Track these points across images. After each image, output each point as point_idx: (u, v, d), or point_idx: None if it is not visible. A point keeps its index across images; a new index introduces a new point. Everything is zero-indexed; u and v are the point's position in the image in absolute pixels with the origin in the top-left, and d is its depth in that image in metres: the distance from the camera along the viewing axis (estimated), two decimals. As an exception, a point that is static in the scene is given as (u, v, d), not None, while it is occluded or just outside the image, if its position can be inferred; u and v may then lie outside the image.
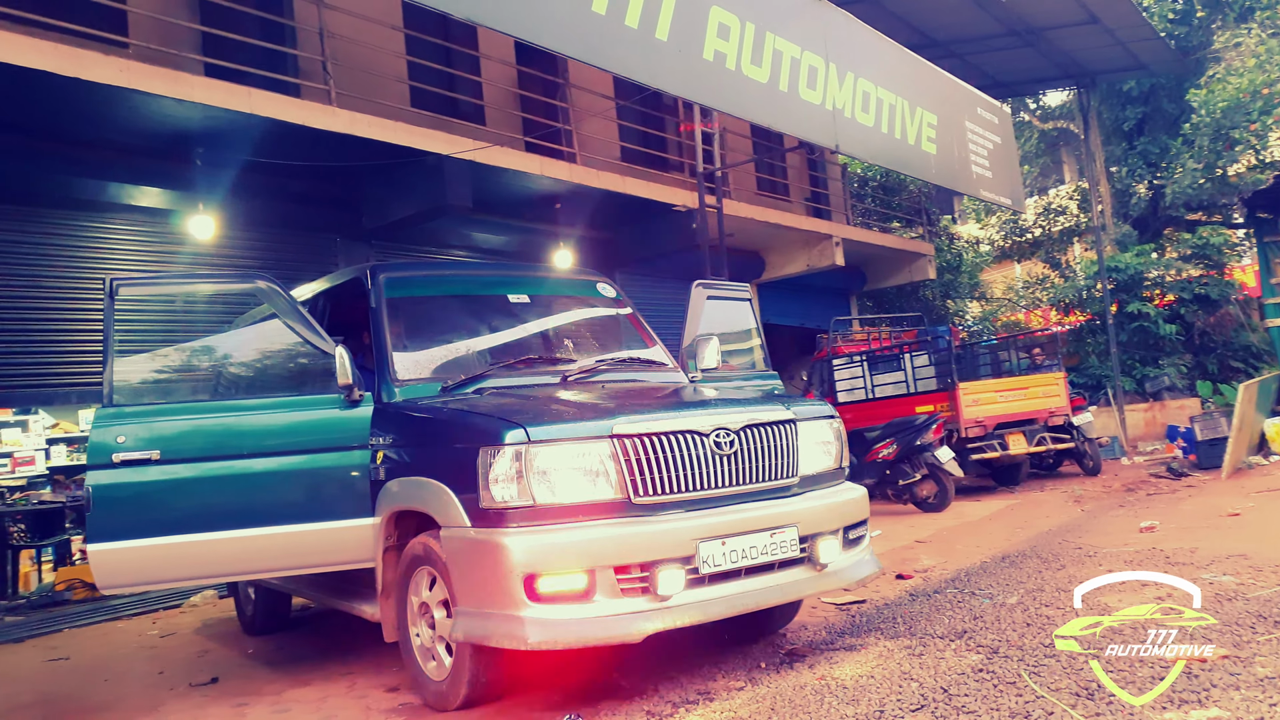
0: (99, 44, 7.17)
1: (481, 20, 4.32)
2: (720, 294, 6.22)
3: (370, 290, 4.82)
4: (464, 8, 4.24)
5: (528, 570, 3.47)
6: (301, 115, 7.94)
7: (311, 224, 9.55)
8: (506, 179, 10.08)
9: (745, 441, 3.95)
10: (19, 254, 7.63)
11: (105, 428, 4.14)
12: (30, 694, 5.08)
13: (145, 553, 4.11)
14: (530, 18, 4.35)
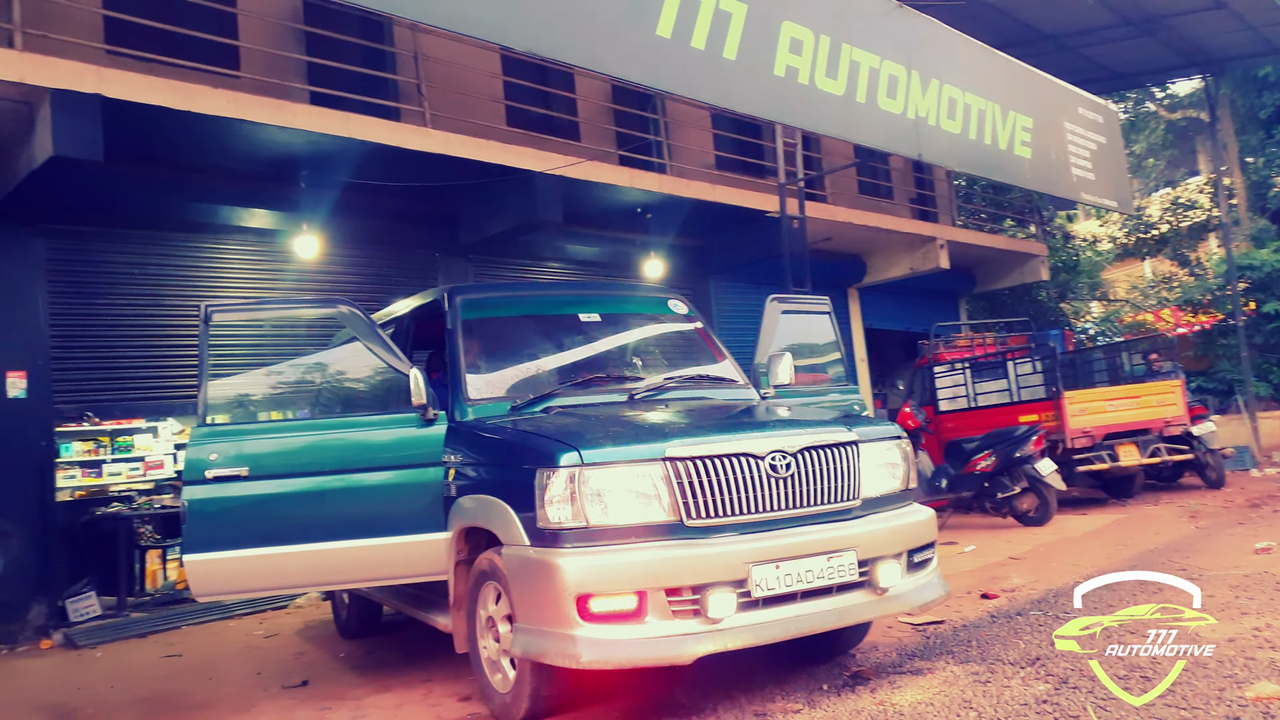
0: (214, 77, 7.64)
1: (544, 53, 4.43)
2: (797, 308, 6.20)
3: (447, 312, 5.01)
4: (526, 42, 4.37)
5: (580, 590, 3.55)
6: (397, 137, 8.27)
7: (411, 241, 9.91)
8: (597, 192, 10.25)
9: (803, 464, 3.94)
10: (144, 275, 8.19)
11: (199, 446, 4.43)
12: (144, 690, 5.47)
13: (235, 564, 4.38)
14: (593, 46, 4.44)
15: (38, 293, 7.54)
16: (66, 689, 5.71)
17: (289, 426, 4.62)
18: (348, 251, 9.45)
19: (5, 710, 5.35)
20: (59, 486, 8.83)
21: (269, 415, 4.78)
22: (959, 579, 6.73)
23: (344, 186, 8.74)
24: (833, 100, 5.74)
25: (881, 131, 6.22)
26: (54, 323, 7.61)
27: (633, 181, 10.40)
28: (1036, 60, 11.76)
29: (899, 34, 6.34)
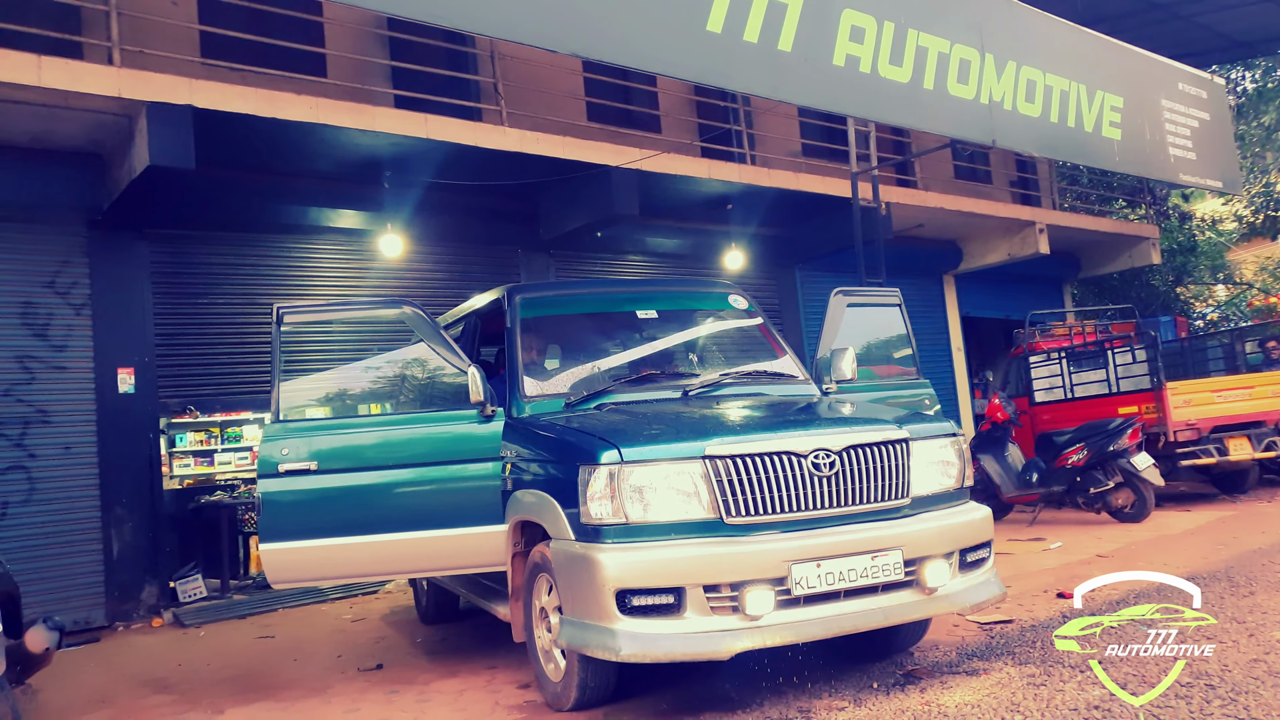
0: (301, 84, 7.97)
1: (590, 55, 4.48)
2: (864, 301, 6.13)
3: (506, 311, 5.14)
4: (571, 45, 4.42)
5: (619, 585, 3.62)
6: (474, 136, 8.47)
7: (494, 237, 10.13)
8: (675, 185, 10.28)
9: (848, 462, 3.91)
10: (241, 275, 8.62)
11: (271, 442, 4.67)
12: (234, 669, 5.79)
13: (306, 553, 4.61)
14: (640, 45, 4.46)
15: (144, 294, 8.02)
16: (169, 665, 6.09)
17: (355, 423, 4.82)
18: (432, 249, 9.73)
19: (116, 681, 5.74)
20: (176, 474, 9.41)
21: (339, 412, 4.98)
22: (1038, 577, 6.55)
23: (427, 186, 8.99)
24: (897, 88, 5.62)
25: (951, 118, 6.06)
26: (159, 322, 8.08)
27: (711, 173, 10.38)
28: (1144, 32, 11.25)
29: (973, 16, 6.16)
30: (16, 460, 7.34)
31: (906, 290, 14.82)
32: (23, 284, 7.50)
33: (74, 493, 7.57)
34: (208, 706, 4.86)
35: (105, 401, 7.74)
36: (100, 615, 7.56)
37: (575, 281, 7.08)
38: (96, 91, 6.61)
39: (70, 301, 7.67)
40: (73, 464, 7.59)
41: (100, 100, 6.71)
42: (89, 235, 7.80)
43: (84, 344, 7.71)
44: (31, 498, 7.36)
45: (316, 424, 4.77)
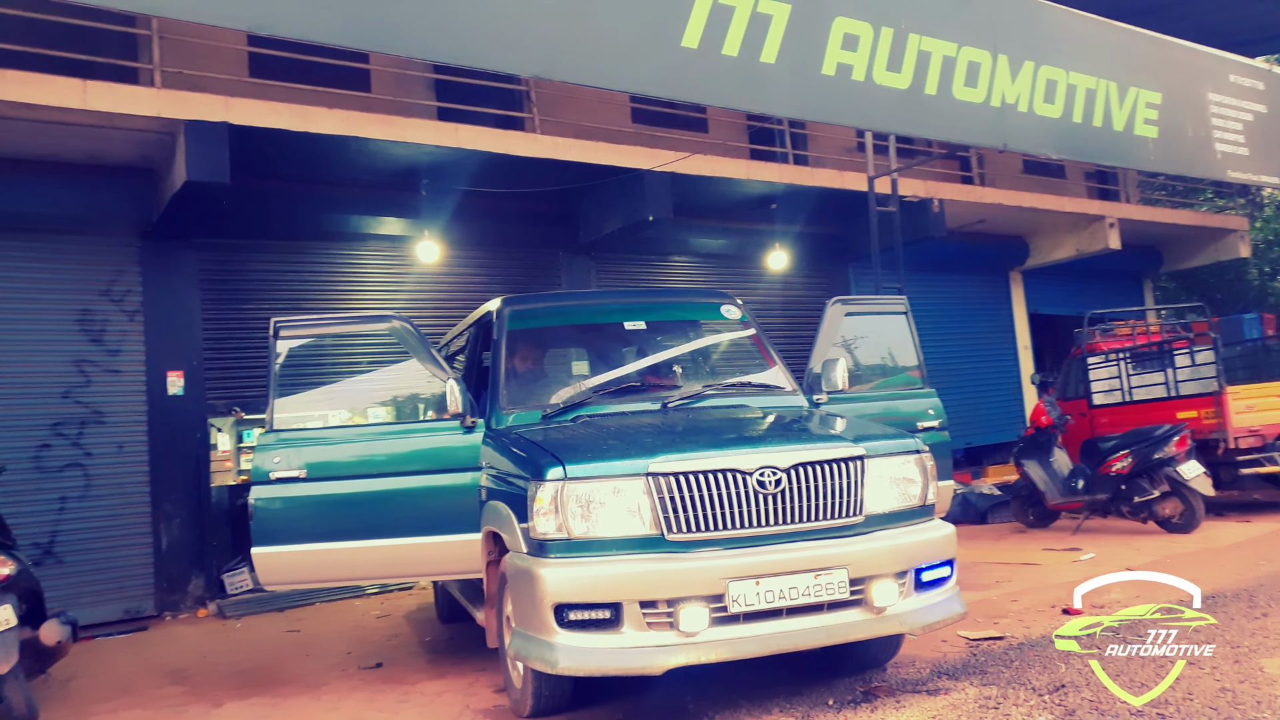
0: (347, 98, 8.28)
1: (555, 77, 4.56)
2: (864, 309, 6.09)
3: (495, 323, 5.27)
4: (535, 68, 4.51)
5: (557, 599, 3.72)
6: (505, 145, 8.67)
7: (534, 241, 10.31)
8: (713, 186, 10.30)
9: (796, 480, 3.91)
10: (285, 282, 8.99)
11: (264, 451, 4.91)
12: (249, 662, 6.11)
13: (295, 557, 4.84)
14: (610, 66, 4.50)
15: (193, 301, 8.46)
16: (196, 656, 6.46)
17: (343, 434, 5.03)
18: (472, 253, 9.96)
19: (143, 670, 6.12)
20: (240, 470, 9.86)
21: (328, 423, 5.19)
22: (1053, 591, 6.38)
23: (465, 192, 9.22)
24: (895, 95, 5.52)
25: (956, 123, 5.92)
26: (206, 327, 8.51)
27: (750, 174, 10.37)
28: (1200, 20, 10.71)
29: (985, 18, 6.00)
30: (74, 458, 7.84)
31: (968, 287, 14.55)
32: (80, 292, 7.99)
33: (126, 489, 8.05)
34: (210, 700, 5.14)
35: (156, 403, 8.20)
36: (150, 605, 8.02)
37: (566, 293, 7.19)
38: (138, 112, 7.01)
39: (124, 308, 8.15)
40: (125, 462, 8.07)
41: (142, 120, 7.11)
42: (141, 246, 8.26)
43: (136, 348, 8.18)
44: (88, 493, 7.86)
45: (306, 435, 4.98)
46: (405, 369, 5.23)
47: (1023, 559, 7.87)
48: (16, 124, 6.96)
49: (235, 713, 4.85)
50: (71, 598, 7.64)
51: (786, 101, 5.17)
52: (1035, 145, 6.39)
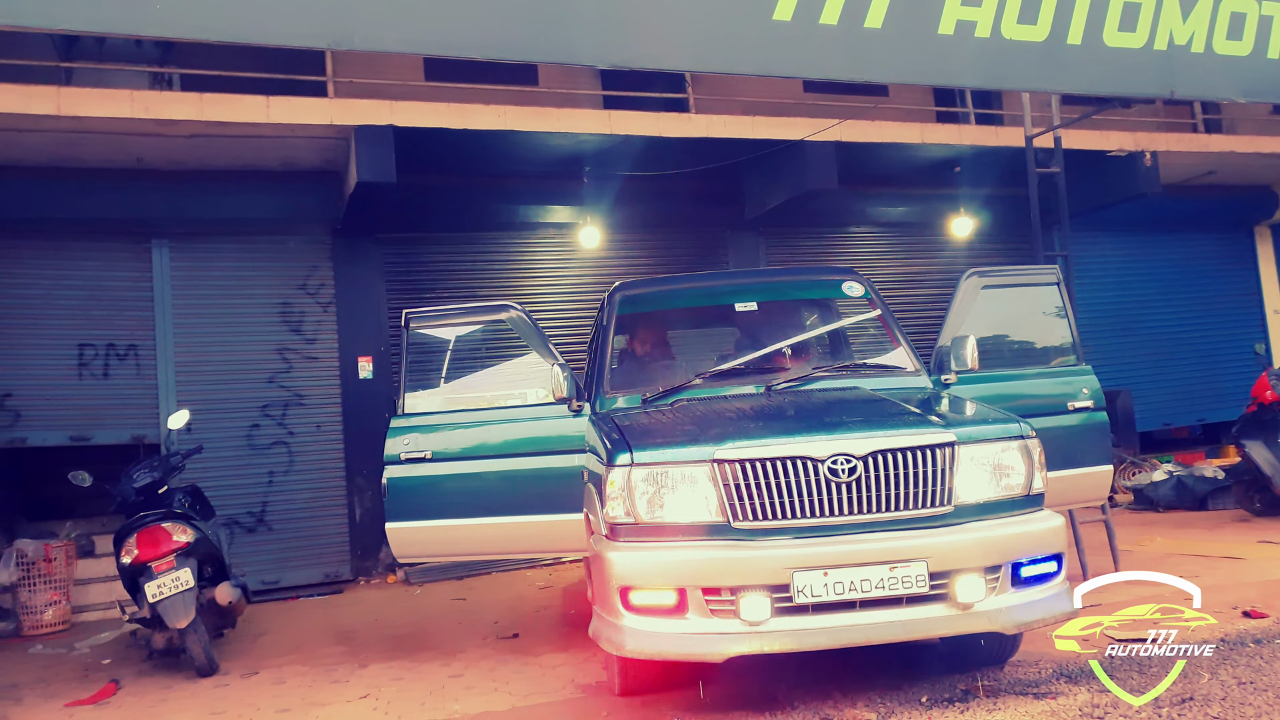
0: (518, 94, 8.66)
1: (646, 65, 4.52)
2: (1007, 282, 5.67)
3: (605, 308, 5.37)
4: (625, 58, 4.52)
5: (623, 582, 3.78)
6: (658, 127, 8.73)
7: (700, 220, 10.31)
8: (887, 151, 9.87)
9: (874, 467, 3.75)
10: (462, 271, 9.52)
11: (396, 434, 5.28)
12: (409, 627, 6.61)
13: (423, 532, 5.19)
14: (700, 49, 4.41)
15: (379, 291, 9.15)
16: (368, 619, 7.06)
17: (464, 417, 5.30)
18: (639, 236, 10.11)
19: (321, 630, 6.75)
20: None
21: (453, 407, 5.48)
22: (1246, 590, 5.72)
23: (628, 176, 9.35)
24: (1029, 49, 5.03)
25: (1106, 74, 5.30)
26: (392, 316, 9.14)
27: (925, 137, 9.84)
28: None
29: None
30: (279, 437, 8.73)
31: (1199, 247, 13.11)
32: (281, 287, 8.85)
33: (324, 465, 8.87)
34: (359, 660, 5.62)
35: (348, 386, 8.96)
36: (347, 570, 8.81)
37: (680, 276, 7.10)
38: (313, 121, 7.65)
39: (319, 300, 8.95)
40: (323, 440, 8.88)
41: (319, 129, 7.76)
42: (333, 242, 9.03)
43: (330, 337, 8.96)
44: (291, 468, 8.73)
45: (431, 419, 5.30)
46: (525, 355, 5.44)
47: (1225, 552, 7.08)
48: (217, 140, 7.79)
49: (376, 673, 5.27)
50: (279, 562, 8.57)
51: (896, 67, 4.86)
52: (1215, 89, 5.64)
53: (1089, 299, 12.21)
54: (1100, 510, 6.46)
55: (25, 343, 8.08)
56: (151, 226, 8.40)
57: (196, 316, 8.56)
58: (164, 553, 5.32)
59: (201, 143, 7.79)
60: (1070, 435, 5.38)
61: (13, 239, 8.06)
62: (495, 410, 5.27)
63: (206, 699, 4.99)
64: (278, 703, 4.80)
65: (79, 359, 8.23)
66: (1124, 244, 12.50)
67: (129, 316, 8.39)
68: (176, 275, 8.54)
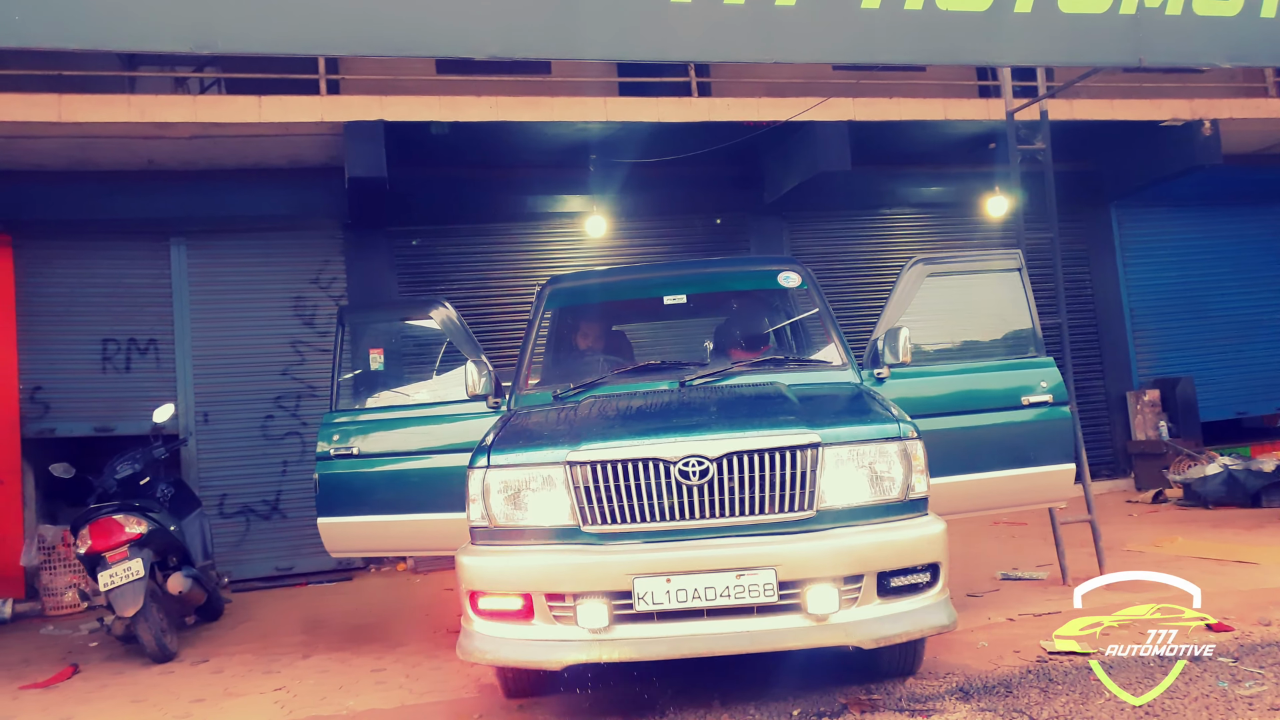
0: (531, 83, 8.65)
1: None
2: (956, 269, 5.35)
3: (535, 302, 5.30)
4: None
5: (471, 587, 3.73)
6: (656, 113, 8.59)
7: (718, 205, 10.10)
8: (912, 130, 9.46)
9: (726, 470, 3.59)
10: (472, 262, 9.60)
11: (326, 429, 5.34)
12: (375, 617, 6.68)
13: (351, 528, 5.24)
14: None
15: (390, 284, 9.30)
16: (348, 608, 7.20)
17: (389, 414, 5.33)
18: (655, 223, 9.97)
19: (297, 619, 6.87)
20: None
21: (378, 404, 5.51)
22: (1227, 599, 5.26)
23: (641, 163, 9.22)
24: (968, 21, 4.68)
25: (1060, 44, 4.89)
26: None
27: (949, 113, 9.39)
28: None
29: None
30: (292, 428, 8.98)
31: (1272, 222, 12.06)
32: (294, 281, 9.09)
33: (336, 454, 9.06)
34: (306, 651, 5.72)
35: (360, 377, 9.13)
36: (359, 558, 9.00)
37: (612, 269, 6.93)
38: (304, 119, 7.81)
39: (331, 294, 9.15)
40: (335, 430, 9.08)
41: (312, 125, 7.92)
42: (344, 237, 9.21)
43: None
44: (304, 458, 8.94)
45: (358, 416, 5.35)
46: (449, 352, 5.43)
47: (1244, 556, 6.54)
48: (221, 140, 8.05)
49: (310, 665, 5.35)
50: (293, 549, 8.83)
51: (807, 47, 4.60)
52: (1194, 55, 5.12)
53: (1146, 279, 11.48)
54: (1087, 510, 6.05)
55: (53, 339, 8.53)
56: (168, 225, 8.74)
57: (213, 311, 8.88)
58: (116, 543, 5.54)
59: (205, 143, 8.05)
60: (1023, 432, 5.06)
61: (41, 240, 8.51)
62: (418, 408, 5.28)
63: (139, 686, 5.16)
64: (199, 692, 4.93)
65: (103, 353, 8.65)
66: (1188, 220, 11.66)
67: (149, 312, 8.77)
68: (193, 272, 8.88)
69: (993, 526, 8.62)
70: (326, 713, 4.37)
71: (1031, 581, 6.22)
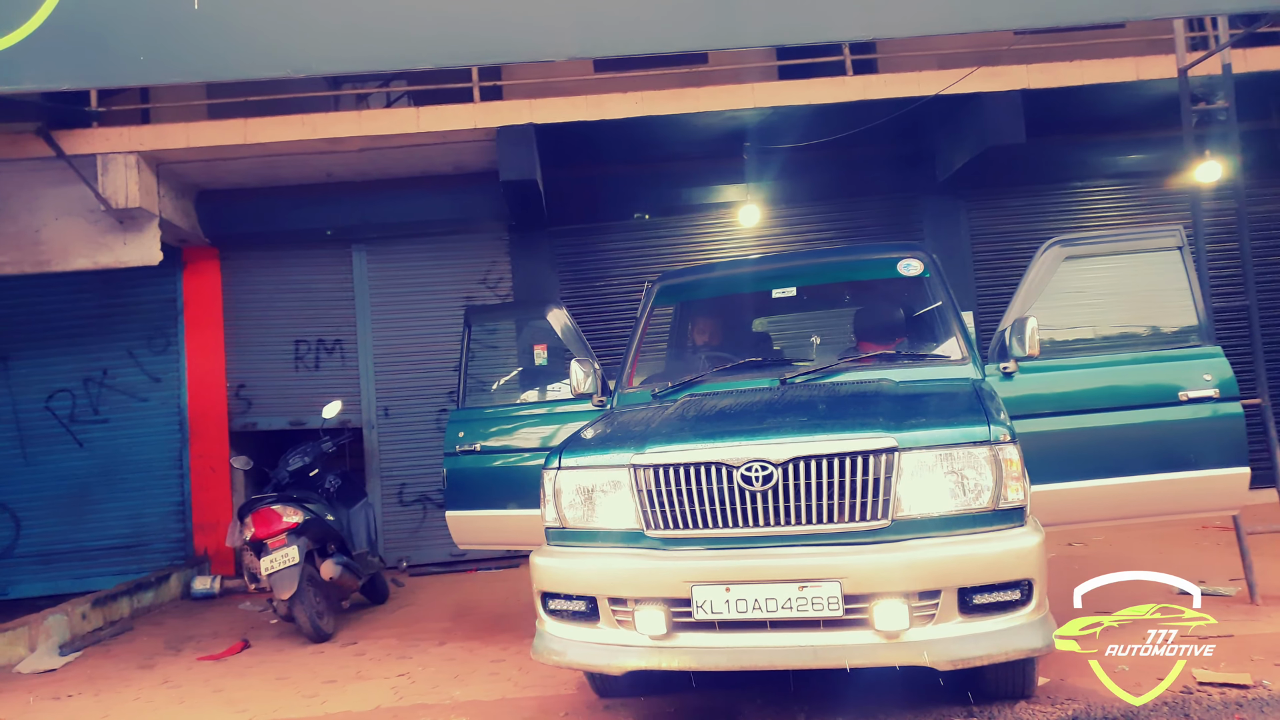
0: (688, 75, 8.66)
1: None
2: (1100, 251, 4.82)
3: (642, 300, 5.26)
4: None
5: (541, 588, 3.75)
6: (805, 95, 8.29)
7: (887, 187, 9.62)
8: (1103, 94, 8.61)
9: (793, 476, 3.40)
10: (630, 257, 9.65)
11: (453, 425, 5.56)
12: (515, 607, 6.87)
13: (475, 521, 5.43)
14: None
15: (552, 281, 9.53)
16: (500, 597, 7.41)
17: (502, 413, 5.45)
18: (815, 209, 9.64)
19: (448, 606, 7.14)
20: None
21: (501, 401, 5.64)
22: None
23: (796, 148, 8.97)
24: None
25: None
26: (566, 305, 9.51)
27: (1141, 73, 8.45)
28: None
29: None
30: (464, 421, 9.40)
31: None
32: (464, 282, 9.52)
33: (503, 447, 9.43)
34: (443, 638, 5.97)
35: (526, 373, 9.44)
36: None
37: (721, 263, 6.56)
38: (459, 127, 8.14)
39: (498, 293, 9.51)
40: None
41: (467, 132, 8.24)
42: (509, 238, 9.54)
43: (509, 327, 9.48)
44: (473, 450, 9.37)
45: (480, 413, 5.51)
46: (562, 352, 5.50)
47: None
48: (388, 152, 8.54)
49: (441, 653, 5.58)
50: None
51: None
52: None
53: None
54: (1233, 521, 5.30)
55: (253, 341, 9.39)
56: (349, 233, 9.39)
57: (390, 312, 9.46)
58: (275, 531, 6.00)
59: (374, 155, 8.57)
60: (1180, 431, 4.48)
61: (242, 251, 9.39)
62: (531, 406, 5.38)
63: (288, 665, 5.58)
64: (335, 673, 5.27)
65: (295, 353, 9.42)
66: None
67: (335, 315, 9.46)
68: (373, 276, 9.49)
69: (1200, 531, 7.76)
70: (432, 701, 4.55)
71: (1217, 598, 5.52)
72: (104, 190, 7.76)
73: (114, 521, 9.09)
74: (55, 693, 5.40)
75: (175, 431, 9.23)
